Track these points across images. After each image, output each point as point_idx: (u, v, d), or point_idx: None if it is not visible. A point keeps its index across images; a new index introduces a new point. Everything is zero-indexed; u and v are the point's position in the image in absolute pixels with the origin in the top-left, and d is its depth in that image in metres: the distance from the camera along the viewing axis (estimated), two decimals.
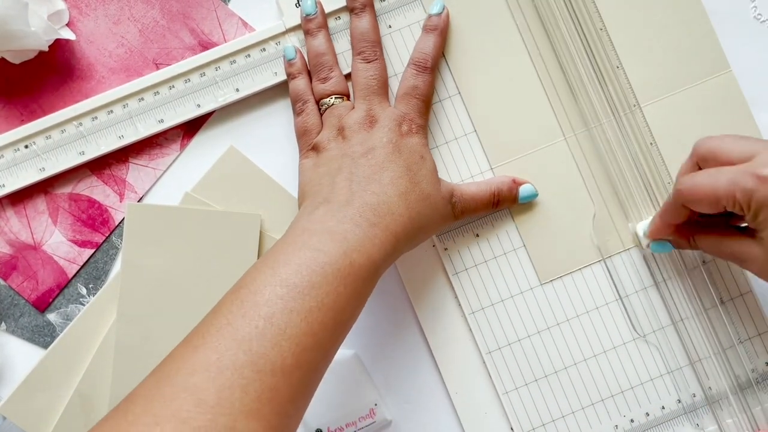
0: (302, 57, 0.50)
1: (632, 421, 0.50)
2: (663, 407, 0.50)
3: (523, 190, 0.49)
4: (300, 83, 0.49)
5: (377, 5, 0.50)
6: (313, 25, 0.49)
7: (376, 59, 0.48)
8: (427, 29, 0.49)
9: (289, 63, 0.49)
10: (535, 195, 0.50)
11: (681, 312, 0.50)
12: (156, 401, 0.34)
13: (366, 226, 0.42)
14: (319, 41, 0.49)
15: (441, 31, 0.49)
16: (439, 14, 0.49)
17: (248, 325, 0.37)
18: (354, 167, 0.45)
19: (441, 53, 0.50)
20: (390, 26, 0.50)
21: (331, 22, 0.50)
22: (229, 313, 0.38)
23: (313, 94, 0.49)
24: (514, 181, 0.49)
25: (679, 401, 0.50)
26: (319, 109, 0.49)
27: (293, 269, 0.39)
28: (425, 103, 0.48)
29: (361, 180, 0.44)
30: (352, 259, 0.41)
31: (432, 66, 0.48)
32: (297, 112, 0.49)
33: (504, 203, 0.49)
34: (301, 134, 0.49)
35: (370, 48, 0.48)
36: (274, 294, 0.38)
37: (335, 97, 0.48)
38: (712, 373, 0.49)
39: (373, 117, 0.47)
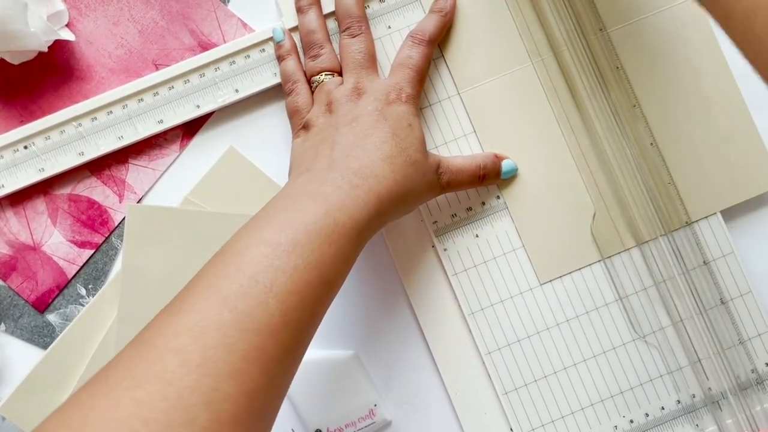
0: (291, 38, 0.50)
1: (632, 421, 0.50)
2: (662, 408, 0.50)
3: (505, 165, 0.49)
4: (290, 64, 0.49)
5: (377, 6, 0.50)
6: (304, 2, 0.49)
7: (362, 33, 0.48)
8: (432, 10, 0.49)
9: (278, 45, 0.50)
10: (515, 169, 0.50)
11: (681, 312, 0.50)
12: (138, 364, 0.33)
13: (348, 188, 0.42)
14: (309, 18, 0.49)
15: (446, 13, 0.49)
16: None
17: (232, 284, 0.36)
18: (337, 136, 0.45)
19: (441, 34, 0.49)
20: (389, 27, 0.50)
21: (331, 23, 0.50)
22: (211, 275, 0.37)
23: (305, 73, 0.49)
24: (496, 156, 0.50)
25: (679, 402, 0.50)
26: (311, 88, 0.49)
27: (275, 229, 0.39)
28: (418, 73, 0.48)
29: (344, 147, 0.44)
30: (335, 218, 0.40)
31: (429, 40, 0.48)
32: (287, 93, 0.49)
33: (489, 178, 0.49)
34: (292, 114, 0.49)
35: (356, 23, 0.48)
36: (258, 253, 0.37)
37: (325, 74, 0.48)
38: (712, 373, 0.49)
39: (360, 89, 0.47)
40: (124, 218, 0.51)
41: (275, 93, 0.51)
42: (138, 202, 0.51)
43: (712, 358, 0.49)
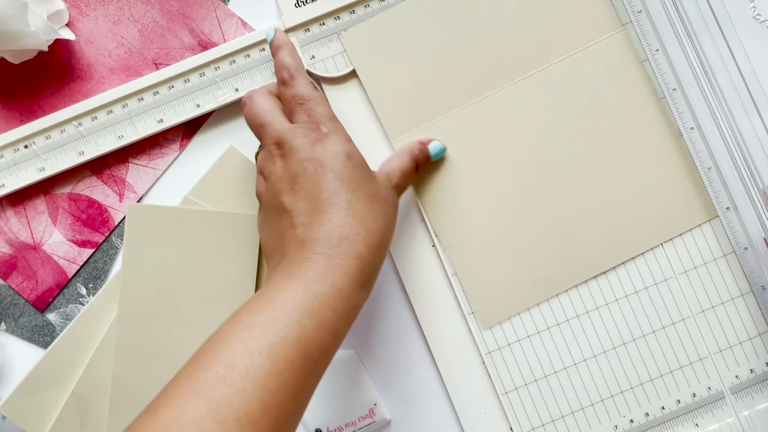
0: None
1: (632, 421, 0.49)
2: (663, 407, 0.50)
3: (433, 148, 0.48)
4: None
5: (377, 5, 0.50)
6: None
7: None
8: (273, 49, 0.48)
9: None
10: (444, 149, 0.49)
11: (681, 312, 0.50)
12: None
13: (323, 260, 0.39)
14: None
15: (285, 45, 0.47)
16: (273, 40, 0.48)
17: (208, 372, 0.34)
18: (291, 205, 0.42)
19: (299, 60, 0.47)
20: None
21: (330, 22, 0.50)
22: (190, 366, 0.35)
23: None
24: (421, 142, 0.48)
25: (679, 401, 0.50)
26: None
27: (253, 311, 0.37)
28: (316, 102, 0.44)
29: (301, 217, 0.41)
30: (313, 290, 0.38)
31: (294, 73, 0.45)
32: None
33: (422, 166, 0.48)
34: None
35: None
36: (235, 337, 0.36)
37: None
38: (712, 372, 0.49)
39: (280, 142, 0.43)
40: (124, 217, 0.51)
41: None
42: (138, 201, 0.51)
43: (712, 357, 0.49)
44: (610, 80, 0.49)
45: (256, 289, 0.50)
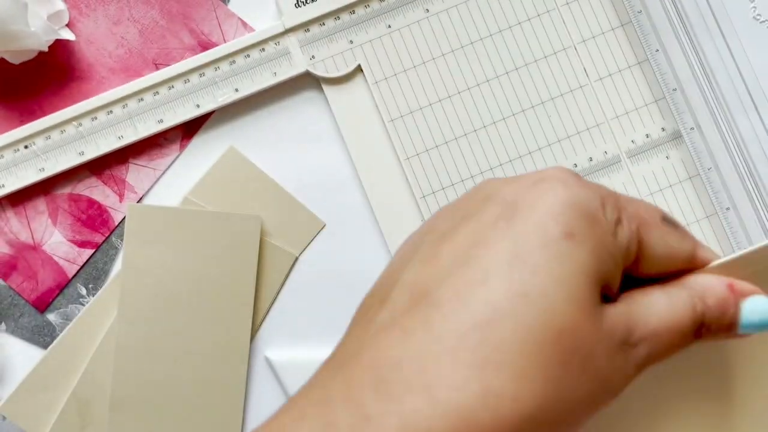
0: None
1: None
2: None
3: (749, 310, 0.24)
4: None
5: (377, 5, 0.50)
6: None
7: None
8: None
9: None
10: None
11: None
12: None
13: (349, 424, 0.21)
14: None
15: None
16: None
17: None
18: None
19: None
20: (389, 26, 0.50)
21: (330, 22, 0.50)
22: None
23: None
24: (730, 286, 0.24)
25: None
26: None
27: None
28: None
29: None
30: None
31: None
32: None
33: (710, 333, 0.24)
34: None
35: None
36: None
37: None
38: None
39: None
40: (124, 218, 0.51)
41: (275, 92, 0.51)
42: (138, 201, 0.51)
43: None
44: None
45: (256, 291, 0.50)
